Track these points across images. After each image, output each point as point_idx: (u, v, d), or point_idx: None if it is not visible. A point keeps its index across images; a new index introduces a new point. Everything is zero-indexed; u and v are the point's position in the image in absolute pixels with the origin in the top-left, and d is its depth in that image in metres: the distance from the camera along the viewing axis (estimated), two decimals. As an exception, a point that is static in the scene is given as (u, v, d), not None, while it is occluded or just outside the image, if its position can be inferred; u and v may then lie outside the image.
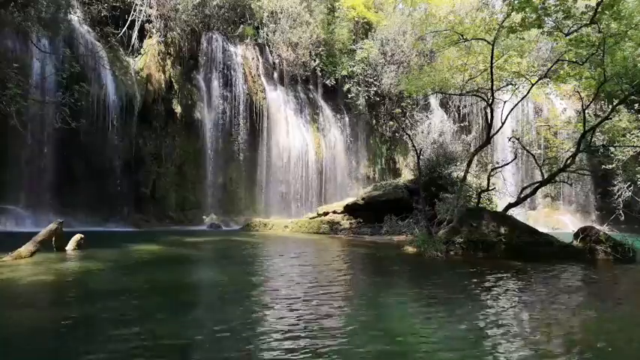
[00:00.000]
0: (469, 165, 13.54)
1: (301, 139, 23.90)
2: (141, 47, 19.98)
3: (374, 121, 27.16)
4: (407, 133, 17.92)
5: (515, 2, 10.65)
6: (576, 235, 10.89)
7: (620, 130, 18.07)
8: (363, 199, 18.58)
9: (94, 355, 3.49)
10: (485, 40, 12.82)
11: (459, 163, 18.06)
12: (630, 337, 4.43)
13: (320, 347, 3.71)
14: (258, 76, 23.46)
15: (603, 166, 20.08)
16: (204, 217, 20.50)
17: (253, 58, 23.53)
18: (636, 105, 19.24)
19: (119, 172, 18.12)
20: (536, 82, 12.92)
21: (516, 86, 14.18)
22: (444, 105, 27.76)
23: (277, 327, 4.29)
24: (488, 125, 13.47)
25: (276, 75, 24.54)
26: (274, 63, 24.38)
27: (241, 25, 23.83)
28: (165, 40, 20.44)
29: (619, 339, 4.31)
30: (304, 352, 3.58)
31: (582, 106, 13.74)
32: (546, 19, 11.07)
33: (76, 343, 3.79)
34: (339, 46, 25.85)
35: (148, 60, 19.79)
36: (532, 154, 14.88)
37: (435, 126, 23.07)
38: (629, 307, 5.77)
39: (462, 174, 14.04)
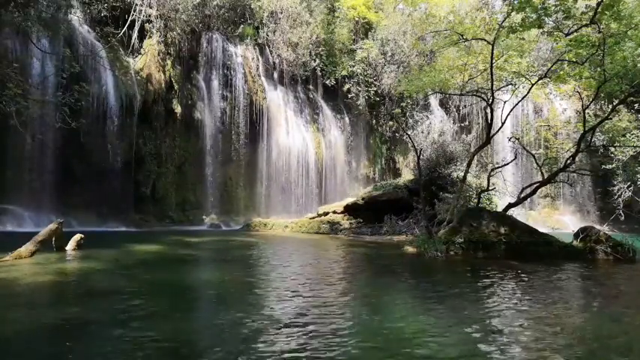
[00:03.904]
0: (469, 165, 13.54)
1: (301, 139, 23.91)
2: (141, 47, 19.97)
3: (374, 121, 27.17)
4: (407, 133, 17.92)
5: (515, 2, 10.66)
6: (576, 235, 10.89)
7: (620, 130, 18.11)
8: (363, 199, 18.60)
9: (94, 356, 3.49)
10: (485, 40, 12.83)
11: (458, 163, 18.06)
12: (630, 337, 4.42)
13: (321, 347, 3.71)
14: (258, 76, 23.47)
15: (603, 166, 20.10)
16: (204, 217, 20.51)
17: (253, 58, 23.53)
18: (636, 105, 19.28)
19: (119, 172, 18.12)
20: (536, 82, 12.91)
21: (516, 86, 14.19)
22: (444, 105, 27.77)
23: (278, 327, 4.29)
24: (488, 125, 13.47)
25: (276, 75, 24.55)
26: (274, 63, 24.39)
27: (241, 25, 23.84)
28: (165, 40, 20.44)
29: (619, 339, 4.31)
30: (305, 353, 3.58)
31: (582, 106, 13.75)
32: (546, 19, 11.07)
33: (76, 343, 3.79)
34: (339, 46, 25.86)
35: (148, 60, 19.79)
36: (532, 154, 14.88)
37: (435, 126, 23.07)
38: (629, 307, 5.77)
39: (462, 174, 14.04)
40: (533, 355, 3.72)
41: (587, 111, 13.33)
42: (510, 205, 12.45)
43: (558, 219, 25.32)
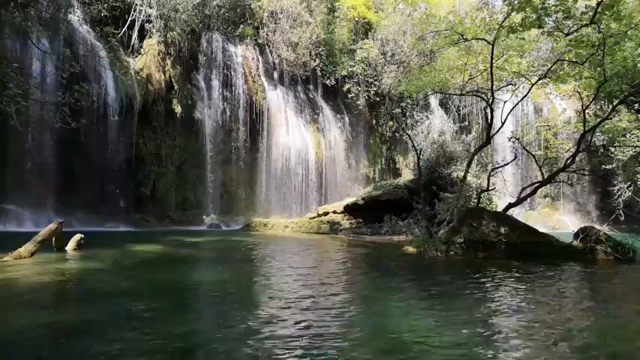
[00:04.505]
0: (469, 165, 13.54)
1: (301, 139, 23.91)
2: (141, 47, 19.98)
3: (374, 121, 27.17)
4: (407, 133, 17.93)
5: (515, 2, 10.66)
6: (576, 235, 10.88)
7: (620, 130, 18.10)
8: (363, 199, 18.59)
9: (93, 357, 3.49)
10: (485, 40, 12.82)
11: (458, 163, 18.06)
12: (629, 337, 4.42)
13: (322, 347, 3.71)
14: (258, 76, 23.47)
15: (603, 166, 20.10)
16: (204, 217, 20.51)
17: (253, 58, 23.53)
18: (636, 105, 19.27)
19: (119, 172, 18.12)
20: (536, 82, 12.91)
21: (516, 86, 14.19)
22: (444, 105, 27.76)
23: (279, 328, 4.29)
24: (488, 125, 13.47)
25: (276, 75, 24.55)
26: (274, 63, 24.38)
27: (241, 25, 23.84)
28: (165, 40, 20.45)
29: (618, 339, 4.31)
30: (306, 353, 3.58)
31: (582, 106, 13.74)
32: (546, 19, 11.07)
33: (76, 344, 3.79)
34: (339, 46, 25.86)
35: (148, 60, 19.79)
36: (532, 155, 14.88)
37: (435, 126, 23.05)
38: (629, 308, 5.77)
39: (462, 174, 14.03)
40: (534, 355, 3.71)
41: (587, 111, 13.31)
42: (510, 205, 12.44)
43: (558, 219, 25.29)
